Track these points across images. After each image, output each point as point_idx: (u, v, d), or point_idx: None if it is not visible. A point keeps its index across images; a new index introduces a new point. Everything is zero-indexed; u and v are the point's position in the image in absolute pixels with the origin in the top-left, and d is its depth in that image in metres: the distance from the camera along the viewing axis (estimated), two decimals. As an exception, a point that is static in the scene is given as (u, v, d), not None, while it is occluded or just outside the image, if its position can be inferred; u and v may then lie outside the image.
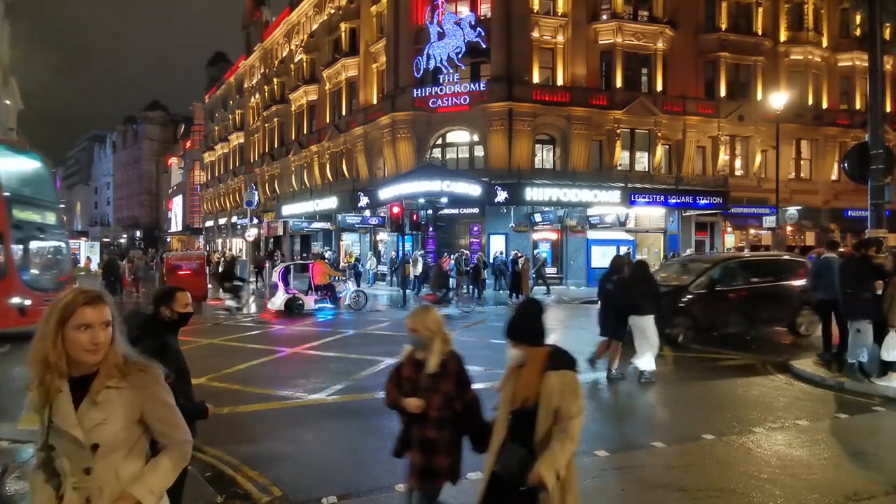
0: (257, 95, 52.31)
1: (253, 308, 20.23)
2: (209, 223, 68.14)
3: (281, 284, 18.61)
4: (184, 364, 3.67)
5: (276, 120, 47.32)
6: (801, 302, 12.65)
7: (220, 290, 19.70)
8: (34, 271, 14.54)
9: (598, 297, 10.20)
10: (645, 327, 9.17)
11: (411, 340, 3.56)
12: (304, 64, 41.50)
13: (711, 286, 12.54)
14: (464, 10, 29.34)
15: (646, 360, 9.10)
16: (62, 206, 16.50)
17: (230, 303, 18.91)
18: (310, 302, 18.38)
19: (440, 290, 20.50)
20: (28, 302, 13.17)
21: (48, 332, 2.07)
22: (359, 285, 23.62)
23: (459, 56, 28.57)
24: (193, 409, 3.66)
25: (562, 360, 3.01)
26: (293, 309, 17.91)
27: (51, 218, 15.63)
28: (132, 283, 26.24)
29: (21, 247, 13.99)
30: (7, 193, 13.52)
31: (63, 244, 16.31)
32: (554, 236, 28.78)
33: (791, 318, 12.95)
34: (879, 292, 8.45)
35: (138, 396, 2.16)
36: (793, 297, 12.81)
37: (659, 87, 30.59)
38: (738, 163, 33.00)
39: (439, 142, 30.33)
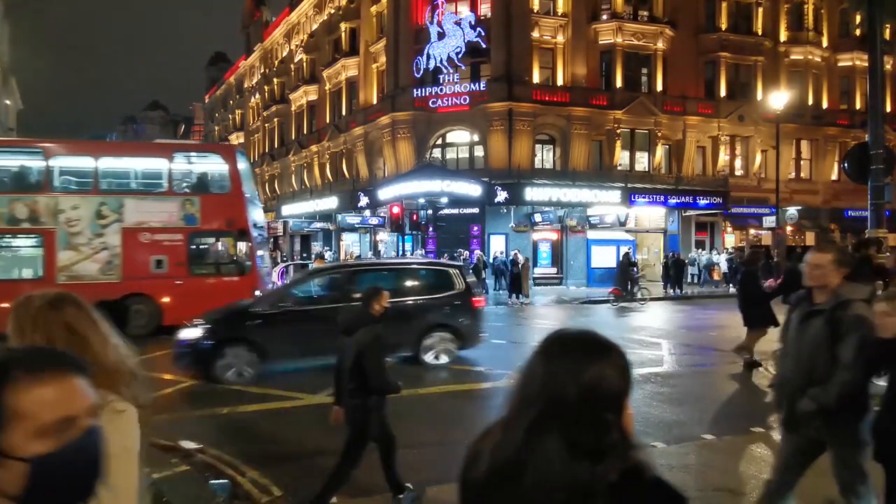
0: (257, 95, 52.32)
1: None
2: (209, 223, 68.11)
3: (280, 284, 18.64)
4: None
5: (276, 120, 47.34)
6: (431, 323, 9.89)
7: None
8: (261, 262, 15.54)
9: (738, 290, 10.78)
10: None
11: None
12: (304, 64, 41.51)
13: (289, 306, 9.55)
14: (464, 10, 29.33)
15: None
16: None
17: (639, 294, 21.08)
18: None
19: (624, 286, 20.99)
20: None
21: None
22: (359, 285, 23.58)
23: (459, 56, 28.56)
24: (391, 386, 4.50)
25: None
26: None
27: (260, 216, 16.82)
28: None
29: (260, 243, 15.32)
30: (248, 194, 14.50)
31: (264, 241, 17.77)
32: (554, 236, 28.79)
33: (415, 346, 9.67)
34: (879, 293, 8.44)
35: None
36: (419, 318, 9.85)
37: (659, 87, 30.58)
38: (738, 163, 32.99)
39: (439, 142, 30.33)
